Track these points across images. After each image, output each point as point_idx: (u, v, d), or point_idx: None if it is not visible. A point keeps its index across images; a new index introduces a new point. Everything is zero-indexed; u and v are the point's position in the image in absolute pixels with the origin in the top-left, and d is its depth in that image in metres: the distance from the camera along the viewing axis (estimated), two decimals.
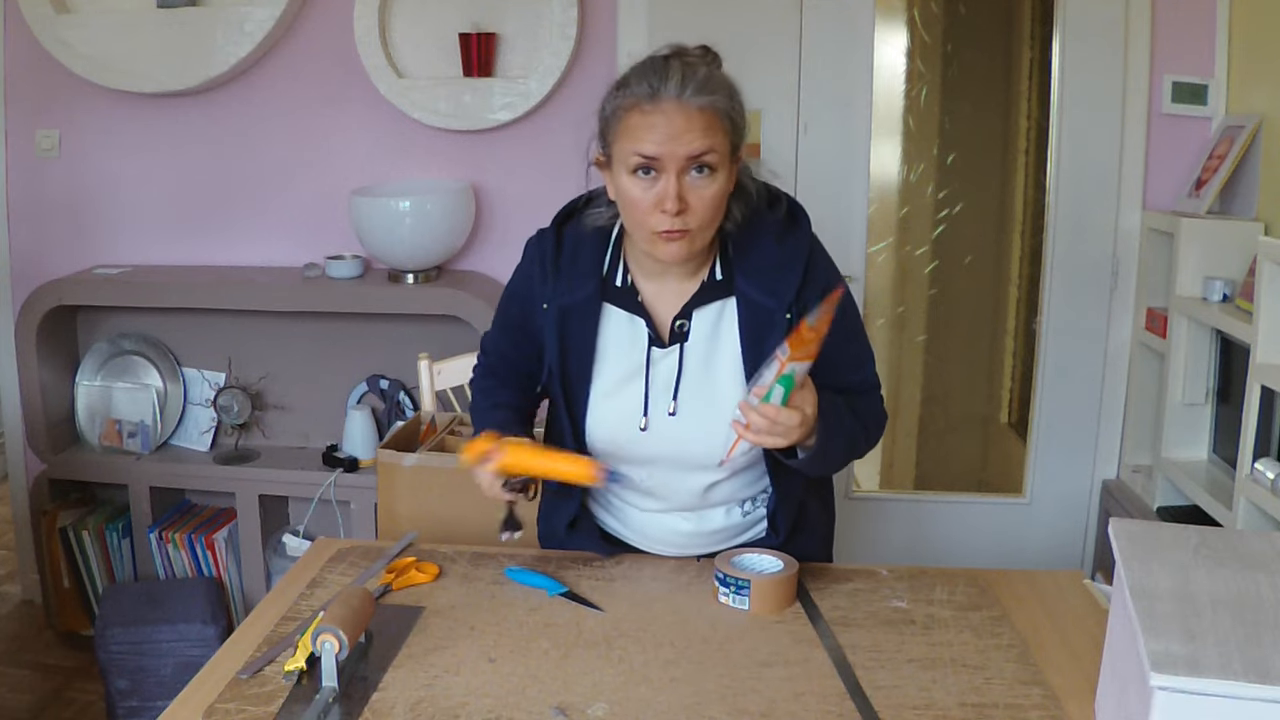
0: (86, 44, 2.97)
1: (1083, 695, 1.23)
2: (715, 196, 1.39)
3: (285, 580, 1.53)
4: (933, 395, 3.49)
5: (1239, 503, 2.28)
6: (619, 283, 1.52)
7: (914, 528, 3.22)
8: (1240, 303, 2.46)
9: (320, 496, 2.94)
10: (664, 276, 1.51)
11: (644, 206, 1.39)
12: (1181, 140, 2.91)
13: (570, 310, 1.51)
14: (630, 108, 1.38)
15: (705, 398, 1.49)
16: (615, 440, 1.52)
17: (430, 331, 2.97)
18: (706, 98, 1.37)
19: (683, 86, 1.36)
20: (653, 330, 1.51)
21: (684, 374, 1.50)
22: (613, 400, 1.52)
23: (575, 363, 1.52)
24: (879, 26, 3.01)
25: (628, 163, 1.39)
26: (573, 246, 1.53)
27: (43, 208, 3.20)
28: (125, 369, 3.16)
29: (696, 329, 1.51)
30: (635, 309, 1.51)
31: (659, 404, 1.50)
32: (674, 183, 1.37)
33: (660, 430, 1.50)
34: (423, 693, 1.22)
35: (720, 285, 1.50)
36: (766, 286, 1.48)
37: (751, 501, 1.60)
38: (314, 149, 3.11)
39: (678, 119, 1.36)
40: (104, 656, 2.65)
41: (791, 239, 1.51)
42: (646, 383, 1.51)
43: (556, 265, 1.52)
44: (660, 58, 1.41)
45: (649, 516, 1.60)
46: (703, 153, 1.36)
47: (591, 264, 1.52)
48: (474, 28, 2.95)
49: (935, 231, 3.34)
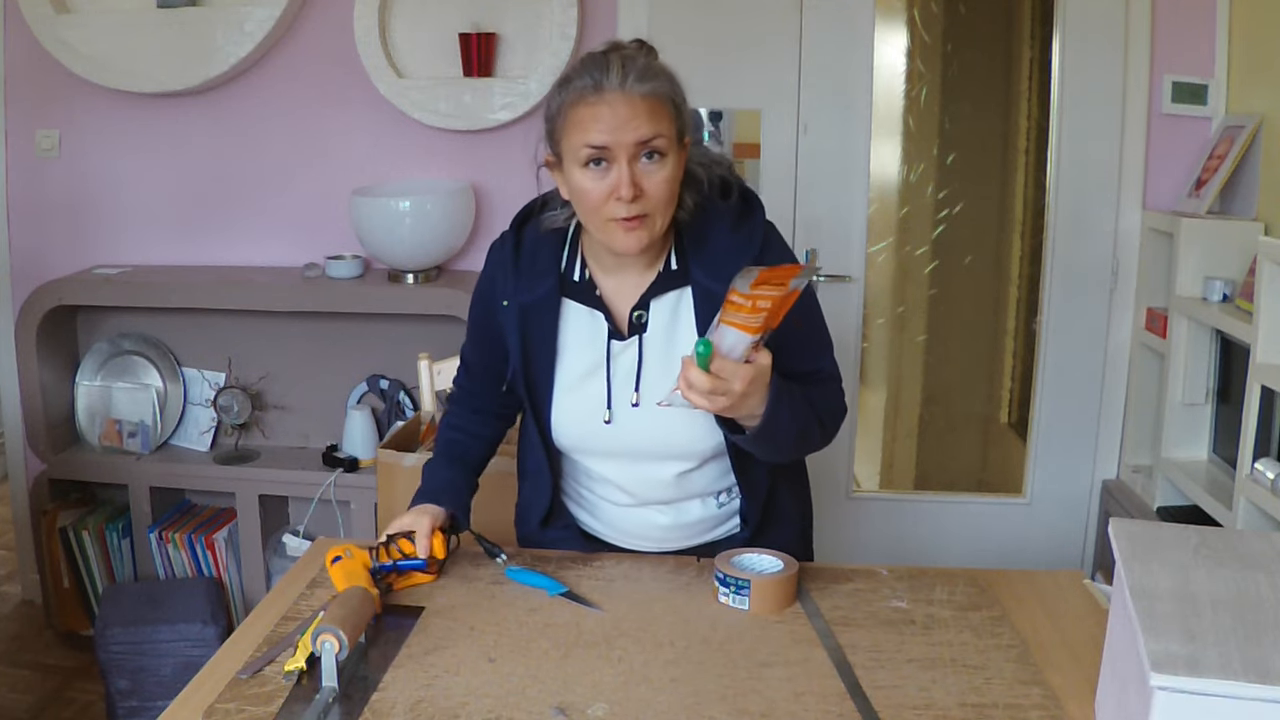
0: (86, 44, 2.97)
1: (1083, 695, 1.23)
2: (667, 181, 1.41)
3: (285, 580, 1.53)
4: (933, 395, 3.49)
5: (1239, 503, 2.28)
6: (576, 278, 1.54)
7: (914, 528, 3.22)
8: (1240, 303, 2.46)
9: (320, 496, 2.94)
10: (621, 270, 1.52)
11: (597, 197, 1.40)
12: (1181, 140, 2.91)
13: (530, 307, 1.53)
14: (575, 102, 1.40)
15: (667, 387, 1.48)
16: (580, 434, 1.54)
17: (430, 331, 2.97)
18: (649, 84, 1.39)
19: (624, 76, 1.38)
20: (611, 323, 1.52)
21: (644, 365, 1.51)
22: (575, 395, 1.53)
23: (537, 359, 1.54)
24: (879, 26, 3.01)
25: (578, 156, 1.40)
26: (532, 247, 1.56)
27: (43, 208, 3.20)
28: (125, 369, 3.16)
29: (654, 319, 1.52)
30: (594, 303, 1.53)
31: (622, 396, 1.52)
32: (626, 169, 1.38)
33: (624, 422, 1.51)
34: (423, 693, 1.22)
35: (676, 275, 1.52)
36: (720, 274, 1.46)
37: (727, 493, 1.61)
38: (314, 149, 3.11)
39: (622, 108, 1.37)
40: (104, 656, 2.65)
41: (746, 226, 1.52)
42: (608, 375, 1.52)
43: (516, 265, 1.55)
44: (599, 53, 1.43)
45: (624, 511, 1.61)
46: (651, 138, 1.38)
47: (550, 262, 1.54)
48: (474, 28, 2.95)
49: (935, 231, 3.34)
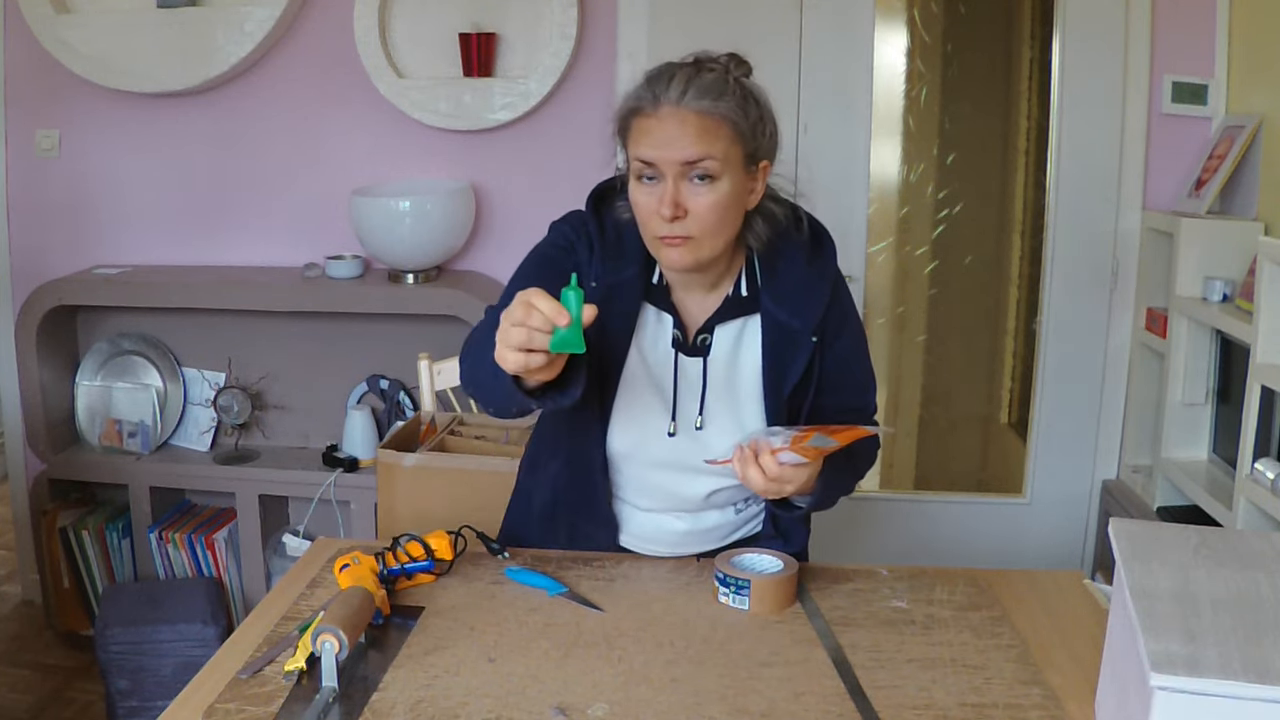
0: (86, 44, 2.97)
1: (1083, 695, 1.23)
2: (716, 205, 1.37)
3: (285, 580, 1.53)
4: (933, 395, 3.49)
5: (1239, 503, 2.28)
6: (654, 279, 1.51)
7: (914, 528, 3.22)
8: (1240, 303, 2.46)
9: (320, 496, 2.94)
10: (685, 286, 1.51)
11: (645, 211, 1.39)
12: (1181, 140, 2.91)
13: (616, 289, 1.47)
14: (633, 112, 1.39)
15: (730, 414, 1.50)
16: (641, 441, 1.52)
17: (430, 331, 2.97)
18: (707, 103, 1.35)
19: (683, 92, 1.35)
20: (680, 332, 1.50)
21: (709, 387, 1.50)
22: (639, 398, 1.50)
23: (610, 349, 1.49)
24: (879, 26, 3.01)
25: (634, 167, 1.39)
26: (614, 230, 1.50)
27: (43, 208, 3.20)
28: (125, 369, 3.16)
29: (718, 344, 1.51)
30: (666, 306, 1.50)
31: (685, 412, 1.50)
32: (670, 188, 1.36)
33: (686, 439, 1.50)
34: (423, 693, 1.22)
35: (745, 302, 1.50)
36: (792, 307, 1.48)
37: (745, 501, 1.61)
38: (314, 149, 3.11)
39: (672, 125, 1.35)
40: (104, 656, 2.65)
41: (819, 261, 1.51)
42: (675, 387, 1.50)
43: (603, 244, 1.49)
44: (668, 64, 1.40)
45: (646, 516, 1.60)
46: (698, 159, 1.35)
47: (635, 250, 1.48)
48: (474, 28, 2.95)
49: (935, 231, 3.34)
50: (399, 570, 1.46)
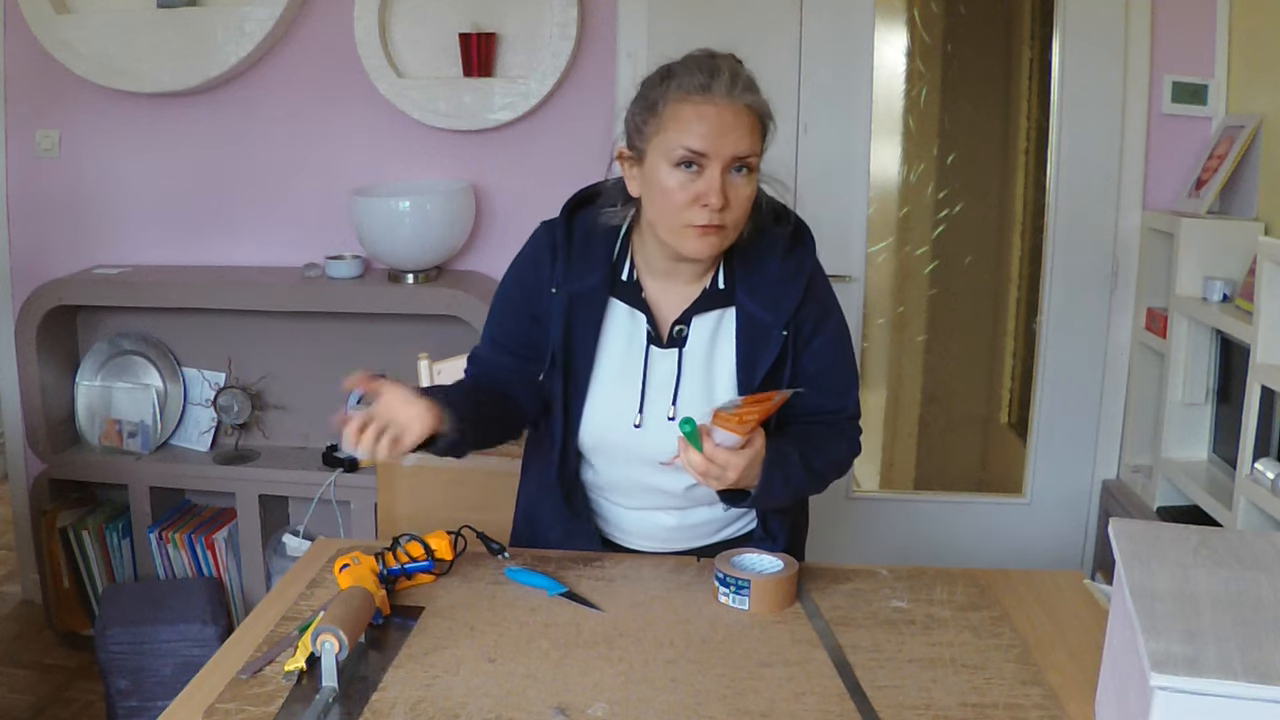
0: (86, 44, 2.97)
1: (1083, 695, 1.23)
2: (750, 197, 1.41)
3: (285, 580, 1.53)
4: (933, 395, 3.49)
5: (1239, 503, 2.28)
6: (624, 277, 1.52)
7: (914, 528, 3.22)
8: (1240, 303, 2.46)
9: (320, 496, 2.94)
10: (669, 277, 1.51)
11: (681, 200, 1.39)
12: (1181, 140, 2.91)
13: (579, 297, 1.50)
14: (681, 100, 1.38)
15: (706, 405, 1.49)
16: (607, 436, 1.54)
17: (430, 331, 2.97)
18: (752, 97, 1.39)
19: (733, 84, 1.37)
20: (652, 328, 1.51)
21: (683, 379, 1.51)
22: (609, 394, 1.52)
23: (578, 351, 1.52)
24: (879, 26, 3.01)
25: (671, 155, 1.38)
26: (583, 236, 1.52)
27: (43, 208, 3.20)
28: (125, 369, 3.16)
29: (694, 335, 1.51)
30: (638, 304, 1.51)
31: (655, 404, 1.51)
32: (719, 178, 1.37)
33: (654, 430, 1.51)
34: (423, 693, 1.22)
35: (721, 294, 1.51)
36: (766, 301, 1.49)
37: None
38: (314, 149, 3.11)
39: (729, 115, 1.37)
40: (104, 656, 2.65)
41: (795, 256, 1.51)
42: (644, 380, 1.51)
43: (569, 252, 1.51)
44: (706, 55, 1.41)
45: (634, 513, 1.62)
46: (747, 154, 1.38)
47: (603, 254, 1.51)
48: (474, 28, 2.95)
49: (935, 231, 3.34)
50: (399, 570, 1.46)
